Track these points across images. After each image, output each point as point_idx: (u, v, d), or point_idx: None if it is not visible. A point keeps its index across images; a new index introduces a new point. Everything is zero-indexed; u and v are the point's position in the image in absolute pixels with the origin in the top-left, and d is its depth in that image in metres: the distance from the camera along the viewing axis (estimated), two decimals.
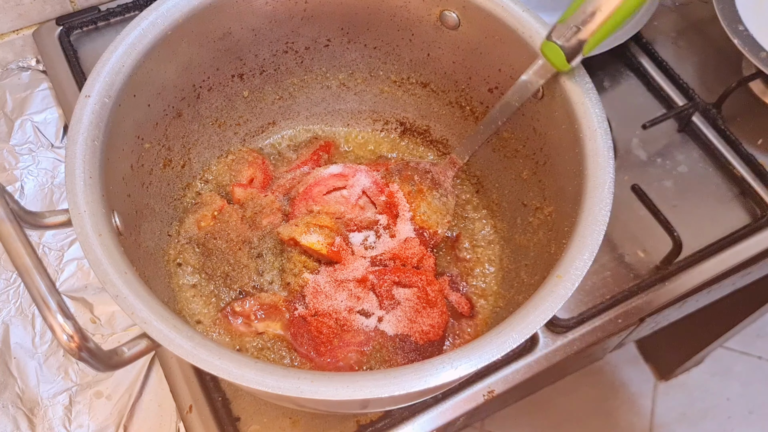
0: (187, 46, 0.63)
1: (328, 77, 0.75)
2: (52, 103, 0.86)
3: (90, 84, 0.55)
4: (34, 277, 0.41)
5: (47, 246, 0.75)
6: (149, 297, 0.47)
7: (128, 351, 0.45)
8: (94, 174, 0.52)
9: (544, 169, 0.64)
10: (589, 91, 0.57)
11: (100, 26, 0.89)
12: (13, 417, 0.67)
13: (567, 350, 0.69)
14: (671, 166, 0.81)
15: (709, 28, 0.92)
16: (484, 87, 0.69)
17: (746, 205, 0.79)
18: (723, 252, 0.75)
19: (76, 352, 0.41)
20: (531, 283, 0.61)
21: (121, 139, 0.58)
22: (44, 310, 0.40)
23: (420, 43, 0.70)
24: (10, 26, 0.87)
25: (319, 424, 0.66)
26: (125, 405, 0.68)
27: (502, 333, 0.46)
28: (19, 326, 0.71)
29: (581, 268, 0.49)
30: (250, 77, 0.71)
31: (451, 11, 0.65)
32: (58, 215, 0.51)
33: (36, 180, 0.80)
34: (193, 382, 0.66)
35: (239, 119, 0.74)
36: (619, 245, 0.75)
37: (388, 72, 0.75)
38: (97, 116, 0.54)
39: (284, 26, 0.68)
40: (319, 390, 0.43)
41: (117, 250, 0.49)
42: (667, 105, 0.85)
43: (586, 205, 0.53)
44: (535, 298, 0.49)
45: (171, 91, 0.64)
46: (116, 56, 0.57)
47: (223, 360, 0.44)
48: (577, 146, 0.56)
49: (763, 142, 0.83)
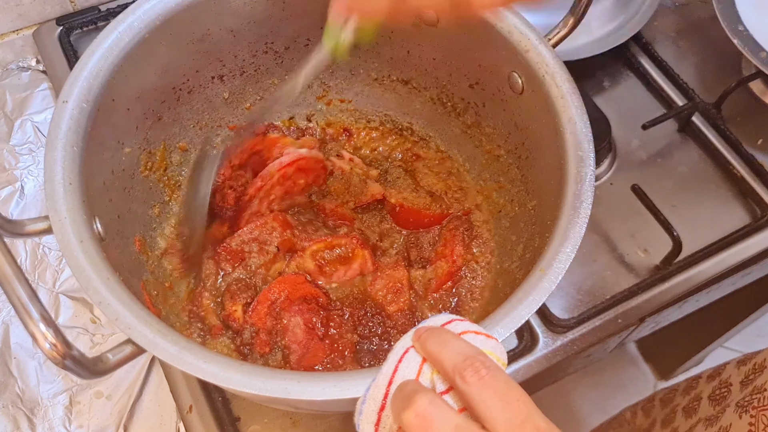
0: (165, 48, 0.62)
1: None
2: (52, 104, 0.86)
3: (67, 89, 0.55)
4: (15, 285, 0.39)
5: (47, 246, 0.75)
6: (133, 302, 0.47)
7: (113, 357, 0.45)
8: (74, 180, 0.51)
9: (527, 163, 0.64)
10: (569, 86, 0.57)
11: (100, 26, 0.89)
12: (13, 417, 0.67)
13: (567, 350, 0.69)
14: (671, 166, 0.81)
15: (709, 28, 0.92)
16: (465, 83, 0.69)
17: (746, 205, 0.79)
18: (723, 252, 0.75)
19: (60, 361, 0.40)
20: (518, 278, 0.61)
21: (101, 145, 0.57)
22: (26, 318, 0.39)
23: (400, 41, 0.70)
24: (10, 26, 0.87)
25: (320, 424, 0.66)
26: (125, 405, 0.68)
27: (486, 328, 0.46)
28: (19, 326, 0.71)
29: (564, 261, 0.50)
30: (230, 78, 0.71)
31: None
32: (38, 222, 0.50)
33: (36, 180, 0.80)
34: (193, 382, 0.66)
35: (220, 121, 0.74)
36: (619, 245, 0.75)
37: (368, 70, 0.75)
38: (75, 122, 0.54)
39: (263, 26, 0.68)
40: (306, 390, 0.43)
41: (99, 256, 0.48)
42: (667, 105, 0.85)
43: (567, 198, 0.53)
44: (519, 292, 0.49)
45: (150, 94, 0.64)
46: (93, 61, 0.56)
47: (208, 363, 0.44)
48: (558, 140, 0.56)
49: (763, 142, 0.83)
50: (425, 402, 0.36)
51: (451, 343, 0.39)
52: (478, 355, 0.38)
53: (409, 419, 0.36)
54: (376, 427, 0.40)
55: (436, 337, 0.40)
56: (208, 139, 0.73)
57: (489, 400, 0.36)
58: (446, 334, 0.40)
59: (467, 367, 0.37)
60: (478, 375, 0.37)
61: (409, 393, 0.37)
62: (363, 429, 0.40)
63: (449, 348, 0.39)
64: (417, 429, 0.36)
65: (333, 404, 0.54)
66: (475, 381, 0.36)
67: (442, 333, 0.40)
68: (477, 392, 0.36)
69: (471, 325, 0.43)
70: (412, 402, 0.36)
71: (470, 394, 0.36)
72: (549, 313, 0.70)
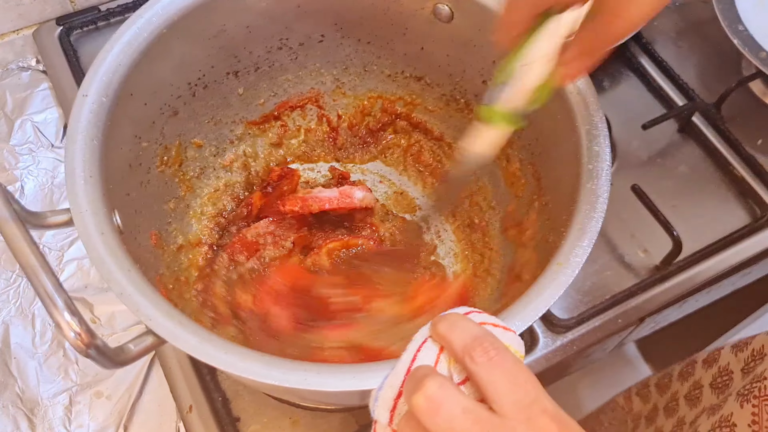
0: (182, 44, 0.63)
1: (322, 73, 0.76)
2: (52, 103, 0.86)
3: (87, 83, 0.55)
4: (41, 275, 0.41)
5: (47, 246, 0.75)
6: (153, 294, 0.47)
7: (134, 348, 0.46)
8: (94, 173, 0.52)
9: (540, 159, 0.64)
10: (583, 81, 0.57)
11: (101, 26, 0.89)
12: (13, 417, 0.67)
13: (567, 350, 0.69)
14: (671, 166, 0.81)
15: (709, 28, 0.92)
16: (478, 79, 0.69)
17: (746, 205, 0.79)
18: (723, 252, 0.75)
19: (84, 350, 0.41)
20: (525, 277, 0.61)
21: (119, 138, 0.58)
22: (51, 307, 0.40)
23: (414, 37, 0.70)
24: (10, 26, 0.87)
25: (320, 424, 0.66)
26: (125, 405, 0.68)
27: (504, 321, 0.46)
28: (19, 326, 0.71)
29: (581, 255, 0.50)
30: (245, 74, 0.72)
31: (444, 4, 0.65)
32: (59, 215, 0.51)
33: (36, 180, 0.80)
34: (193, 382, 0.66)
35: (235, 116, 0.74)
36: (618, 245, 0.75)
37: (382, 66, 0.75)
38: (95, 115, 0.54)
39: (278, 23, 0.68)
40: (326, 381, 0.44)
41: (120, 248, 0.49)
42: (667, 105, 0.85)
43: (583, 194, 0.53)
44: (536, 286, 0.49)
45: (167, 89, 0.64)
46: (112, 55, 0.57)
47: (228, 354, 0.45)
48: (573, 136, 0.57)
49: (763, 143, 0.83)
50: (435, 386, 0.36)
51: (461, 323, 0.39)
52: (487, 336, 0.38)
53: (418, 402, 0.36)
54: (391, 414, 0.40)
55: (447, 320, 0.40)
56: (222, 136, 0.73)
57: (498, 381, 0.36)
58: (457, 317, 0.40)
59: (476, 347, 0.37)
60: (488, 356, 0.37)
61: (420, 377, 0.37)
62: (378, 415, 0.41)
63: (459, 329, 0.39)
64: (425, 411, 0.36)
65: (350, 396, 0.55)
66: (485, 361, 0.37)
67: (453, 316, 0.40)
68: (486, 372, 0.36)
69: (489, 317, 0.43)
70: (421, 385, 0.36)
71: (479, 374, 0.37)
72: (549, 313, 0.70)
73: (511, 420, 0.35)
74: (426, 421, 0.36)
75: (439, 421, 0.35)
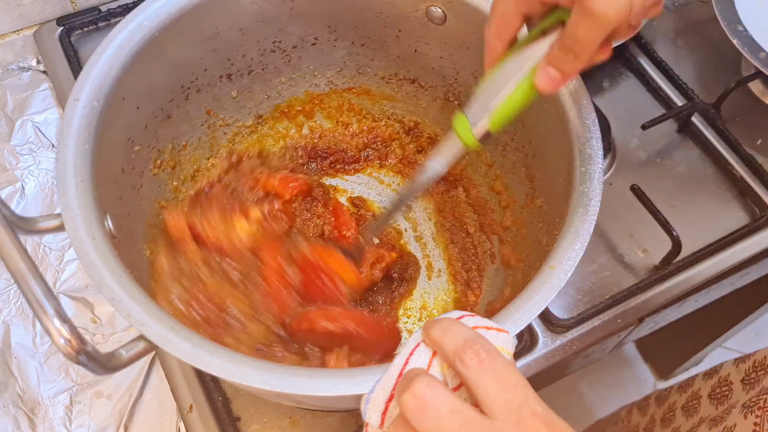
0: (174, 47, 0.63)
1: (316, 75, 0.76)
2: (52, 104, 0.86)
3: (78, 87, 0.55)
4: (30, 281, 0.40)
5: (48, 246, 0.76)
6: (145, 299, 0.47)
7: (126, 353, 0.45)
8: (86, 177, 0.52)
9: (534, 161, 0.64)
10: (577, 83, 0.58)
11: (101, 27, 0.89)
12: (13, 417, 0.67)
13: (566, 350, 0.70)
14: (671, 166, 0.81)
15: (708, 28, 0.92)
16: (472, 81, 0.69)
17: (745, 205, 0.79)
18: (722, 252, 0.75)
19: (74, 356, 0.40)
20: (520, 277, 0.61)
21: (112, 142, 0.57)
22: (41, 314, 0.40)
23: (407, 39, 0.70)
24: (10, 26, 0.87)
25: (320, 424, 0.66)
26: (126, 405, 0.68)
27: (498, 323, 0.46)
28: (19, 326, 0.71)
29: (573, 258, 0.50)
30: (239, 77, 0.72)
31: (437, 6, 0.65)
32: (50, 220, 0.51)
33: (37, 180, 0.80)
34: (194, 382, 0.66)
35: (228, 119, 0.74)
36: (618, 245, 0.75)
37: (375, 69, 0.75)
38: (86, 120, 0.54)
39: (271, 25, 0.68)
40: (318, 386, 0.44)
41: (111, 253, 0.49)
42: (667, 105, 0.86)
43: (576, 196, 0.53)
44: (528, 289, 0.49)
45: (160, 92, 0.64)
46: (104, 59, 0.57)
47: (221, 359, 0.45)
48: (566, 138, 0.57)
49: (763, 143, 0.83)
50: (423, 385, 0.36)
51: (453, 327, 0.39)
52: (478, 339, 0.38)
53: (407, 401, 0.36)
54: (382, 416, 0.40)
55: (439, 324, 0.40)
56: (216, 139, 0.73)
57: (488, 383, 0.36)
58: (449, 321, 0.40)
59: (467, 350, 0.37)
60: (478, 358, 0.37)
61: (410, 377, 0.37)
62: (369, 418, 0.41)
63: (450, 332, 0.39)
64: (414, 410, 0.36)
65: (343, 400, 0.55)
66: (475, 364, 0.37)
67: (445, 320, 0.41)
68: (476, 375, 0.37)
69: (482, 320, 0.43)
70: (410, 384, 0.36)
71: (469, 377, 0.37)
72: (548, 313, 0.70)
73: (501, 422, 0.35)
74: (414, 419, 0.36)
75: (427, 420, 0.35)
